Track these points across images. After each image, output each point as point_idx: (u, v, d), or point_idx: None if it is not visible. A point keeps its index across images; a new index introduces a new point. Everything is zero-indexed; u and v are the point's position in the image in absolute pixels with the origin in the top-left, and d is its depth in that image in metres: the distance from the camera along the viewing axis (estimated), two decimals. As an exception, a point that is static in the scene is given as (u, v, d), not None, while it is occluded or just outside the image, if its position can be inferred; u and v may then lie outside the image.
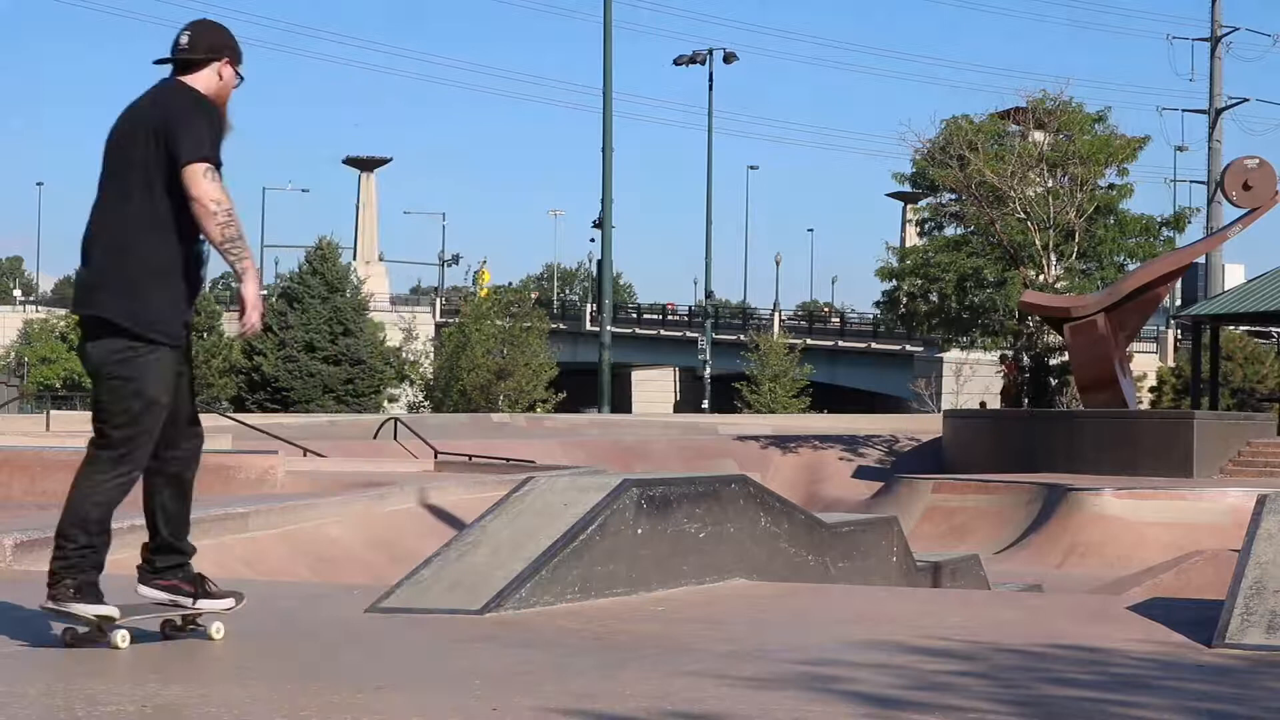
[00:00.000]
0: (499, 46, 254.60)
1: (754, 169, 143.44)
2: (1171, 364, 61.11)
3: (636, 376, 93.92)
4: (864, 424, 45.19)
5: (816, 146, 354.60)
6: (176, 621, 6.23)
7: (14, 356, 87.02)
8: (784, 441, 38.88)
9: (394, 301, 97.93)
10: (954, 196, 41.28)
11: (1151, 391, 55.32)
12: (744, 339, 72.07)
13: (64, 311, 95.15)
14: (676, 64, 68.03)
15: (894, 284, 43.71)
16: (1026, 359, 40.47)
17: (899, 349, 72.40)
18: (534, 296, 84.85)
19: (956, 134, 39.68)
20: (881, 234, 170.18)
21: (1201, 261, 53.92)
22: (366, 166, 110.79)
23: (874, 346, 75.82)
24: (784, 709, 5.05)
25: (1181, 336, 65.65)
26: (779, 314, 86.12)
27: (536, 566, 7.39)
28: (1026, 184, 38.89)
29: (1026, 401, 39.85)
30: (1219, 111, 59.53)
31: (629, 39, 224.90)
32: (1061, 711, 5.20)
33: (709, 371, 67.06)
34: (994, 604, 9.27)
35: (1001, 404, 44.06)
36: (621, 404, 78.62)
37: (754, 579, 9.05)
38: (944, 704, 5.17)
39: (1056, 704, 5.32)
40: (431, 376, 67.03)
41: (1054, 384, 39.73)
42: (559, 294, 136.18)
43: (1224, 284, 55.02)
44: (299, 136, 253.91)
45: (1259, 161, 32.14)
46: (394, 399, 65.62)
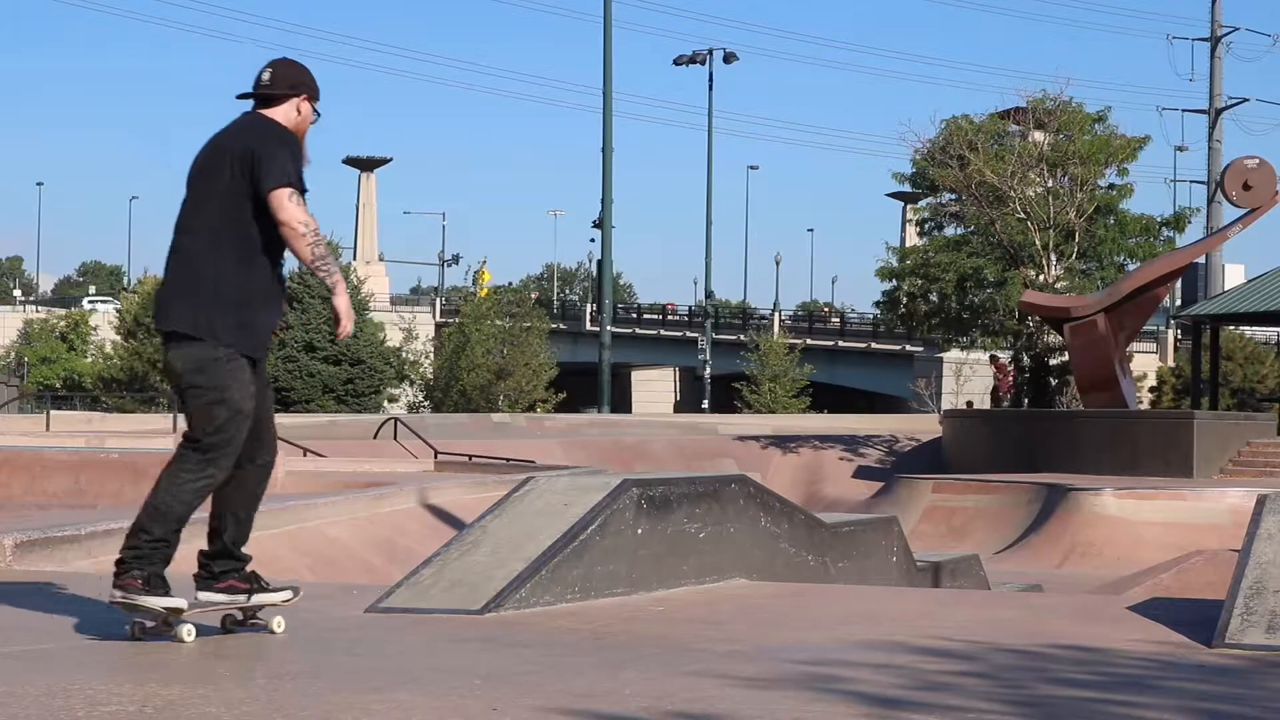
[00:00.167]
0: (499, 46, 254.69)
1: (754, 169, 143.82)
2: (1171, 364, 61.10)
3: (636, 376, 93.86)
4: (864, 424, 45.21)
5: (816, 146, 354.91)
6: (237, 616, 6.45)
7: (14, 356, 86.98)
8: (784, 441, 38.87)
9: (394, 301, 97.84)
10: (954, 196, 41.26)
11: (1151, 391, 55.32)
12: (744, 339, 72.05)
13: (64, 311, 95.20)
14: (676, 64, 68.06)
15: (894, 284, 43.68)
16: (1026, 359, 40.46)
17: (899, 349, 72.36)
18: (534, 296, 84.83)
19: (956, 134, 39.66)
20: (881, 234, 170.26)
21: (1201, 261, 53.92)
22: (366, 166, 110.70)
23: (874, 346, 75.76)
24: (784, 709, 5.05)
25: (1181, 336, 65.64)
26: (779, 314, 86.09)
27: (537, 566, 7.39)
28: (1026, 184, 38.88)
29: (1026, 401, 39.85)
30: (1219, 111, 59.52)
31: (629, 39, 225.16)
32: (1061, 711, 5.20)
33: (709, 371, 67.05)
34: (994, 604, 9.27)
35: (991, 405, 44.08)
36: (621, 404, 78.61)
37: (754, 579, 9.05)
38: (944, 704, 5.17)
39: (1056, 704, 5.32)
40: (431, 376, 67.00)
41: (1054, 384, 39.71)
42: (559, 294, 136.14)
43: (1224, 284, 55.01)
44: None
45: (1259, 161, 32.14)
46: (394, 399, 65.58)
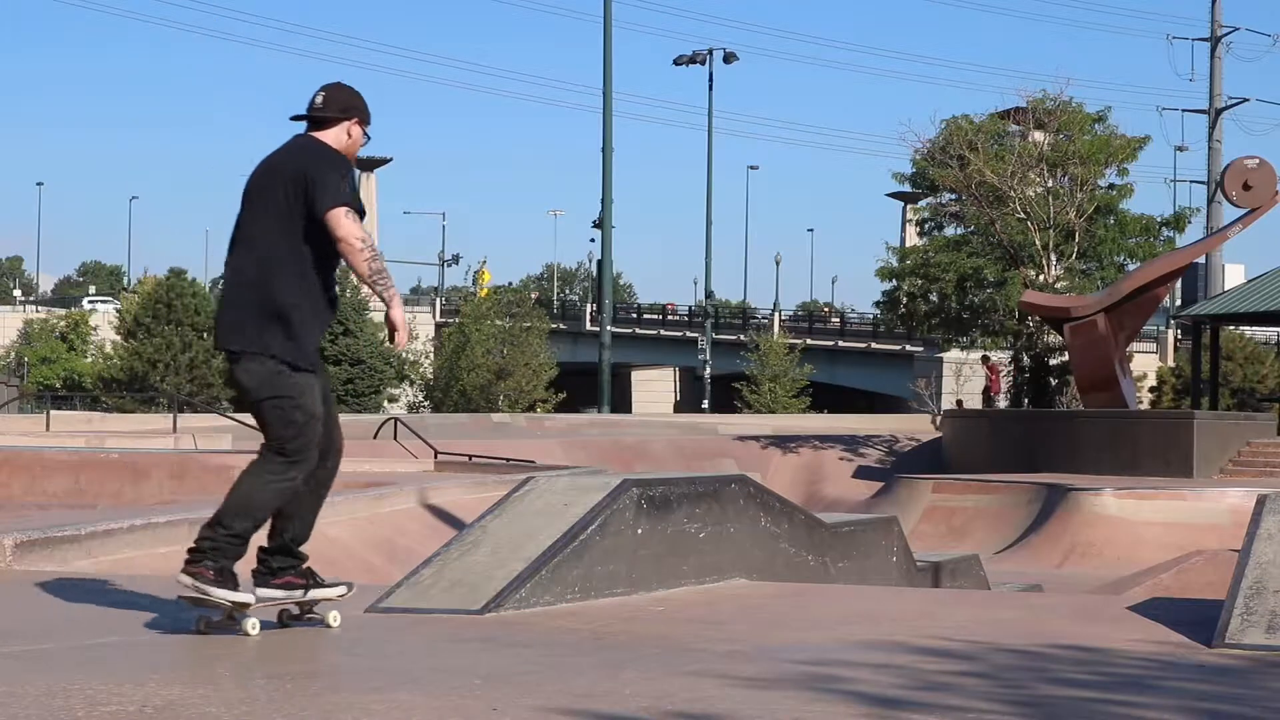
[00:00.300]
0: (499, 46, 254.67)
1: (754, 169, 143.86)
2: (1171, 364, 61.08)
3: (636, 376, 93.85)
4: (864, 424, 45.21)
5: (816, 146, 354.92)
6: (293, 610, 6.60)
7: (14, 356, 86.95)
8: (784, 441, 38.88)
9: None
10: (954, 196, 41.26)
11: (1151, 391, 55.31)
12: (744, 339, 72.04)
13: (64, 311, 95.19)
14: (676, 64, 68.07)
15: (894, 284, 43.68)
16: (1026, 359, 40.46)
17: (899, 349, 72.33)
18: (534, 296, 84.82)
19: (956, 134, 39.66)
20: (881, 234, 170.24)
21: (1201, 261, 53.92)
22: (366, 166, 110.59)
23: (874, 346, 75.73)
24: (784, 709, 5.04)
25: (1181, 336, 65.62)
26: (779, 314, 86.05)
27: (537, 566, 7.39)
28: (1026, 184, 38.88)
29: (1026, 401, 39.85)
30: (1219, 111, 59.53)
31: (629, 39, 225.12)
32: (1061, 711, 5.20)
33: (709, 371, 67.05)
34: (994, 604, 9.27)
35: (983, 405, 44.11)
36: (621, 404, 78.60)
37: (754, 579, 9.05)
38: (944, 704, 5.17)
39: (1056, 704, 5.32)
40: (431, 376, 67.01)
41: (1054, 384, 39.72)
42: (559, 294, 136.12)
43: (1224, 284, 55.01)
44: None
45: (1259, 161, 32.15)
46: (394, 399, 65.60)
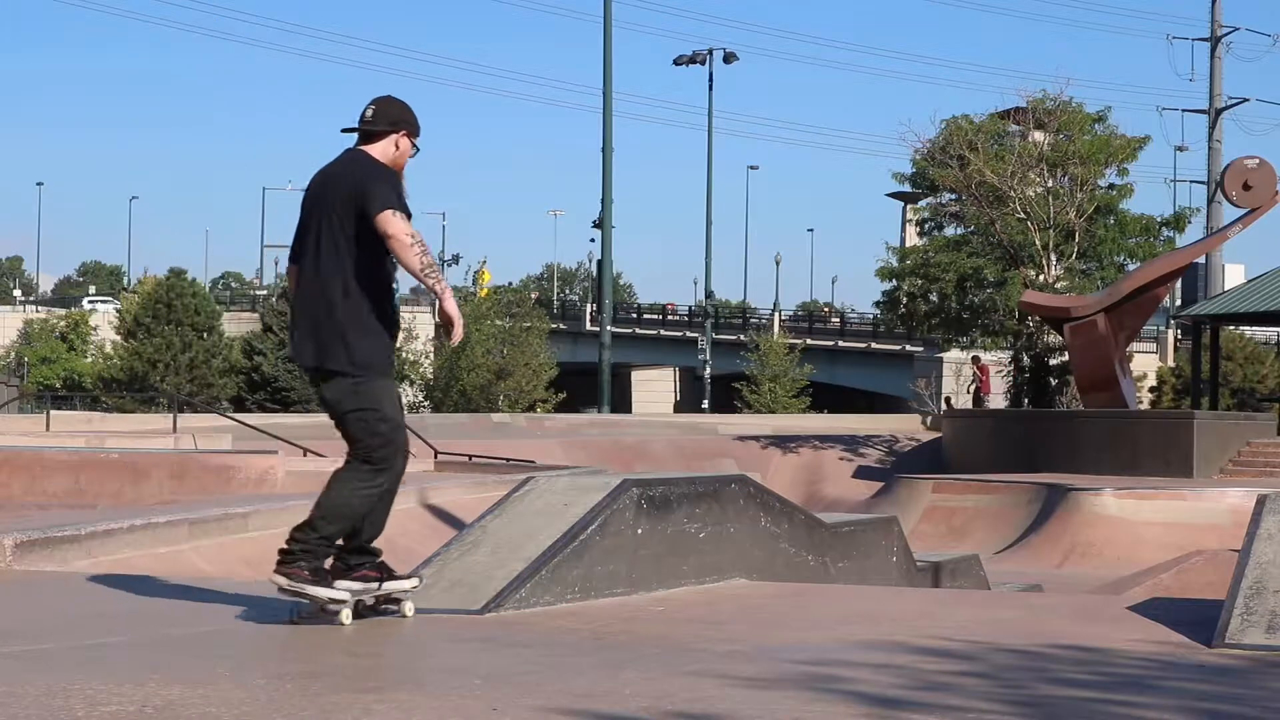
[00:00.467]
0: (499, 46, 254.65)
1: (754, 169, 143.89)
2: (1171, 364, 61.07)
3: (636, 376, 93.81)
4: (864, 424, 45.20)
5: (816, 146, 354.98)
6: (368, 602, 6.85)
7: (14, 356, 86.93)
8: (784, 441, 38.88)
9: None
10: (954, 196, 41.26)
11: (1151, 391, 55.29)
12: (744, 339, 71.98)
13: (64, 311, 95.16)
14: (676, 64, 68.02)
15: (894, 284, 43.66)
16: (1026, 359, 40.46)
17: (899, 349, 72.27)
18: (534, 296, 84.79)
19: (956, 134, 39.66)
20: (881, 234, 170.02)
21: (1201, 261, 53.92)
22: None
23: (874, 346, 75.67)
24: (784, 709, 5.04)
25: (1181, 336, 65.60)
26: (779, 314, 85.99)
27: (537, 566, 7.39)
28: (1026, 184, 38.87)
29: (1027, 401, 39.85)
30: (1219, 111, 59.54)
31: (629, 39, 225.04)
32: (1061, 711, 5.19)
33: (709, 371, 67.00)
34: (994, 604, 9.26)
35: (973, 405, 44.11)
36: (621, 404, 78.55)
37: (754, 579, 9.05)
38: (944, 704, 5.17)
39: (1056, 704, 5.31)
40: (431, 376, 66.98)
41: (1054, 384, 39.71)
42: (559, 294, 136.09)
43: (1224, 284, 55.01)
44: (299, 136, 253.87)
45: (1259, 161, 32.15)
46: (394, 399, 65.45)
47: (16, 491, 15.48)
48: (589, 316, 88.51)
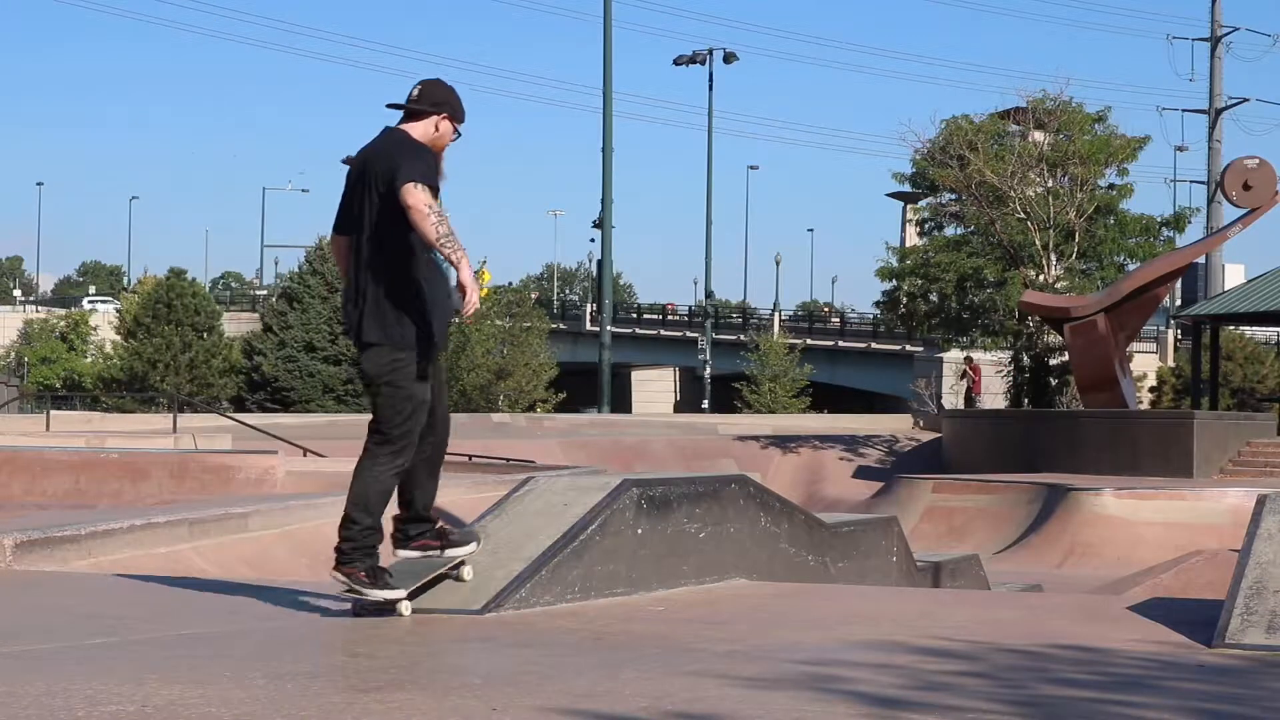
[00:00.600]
0: (499, 47, 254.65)
1: (754, 169, 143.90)
2: (1171, 364, 61.04)
3: (636, 376, 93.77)
4: (864, 424, 45.21)
5: (816, 146, 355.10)
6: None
7: (14, 356, 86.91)
8: (784, 441, 38.88)
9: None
10: (954, 196, 41.26)
11: (1151, 391, 55.27)
12: (744, 339, 71.97)
13: (64, 311, 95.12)
14: (676, 64, 68.03)
15: (894, 284, 43.66)
16: (1026, 359, 40.45)
17: (899, 349, 72.22)
18: (534, 296, 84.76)
19: (956, 134, 39.66)
20: (881, 234, 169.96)
21: (1201, 261, 53.93)
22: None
23: (874, 346, 75.63)
24: (784, 709, 5.04)
25: (1181, 336, 65.58)
26: (779, 314, 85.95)
27: (537, 566, 7.38)
28: (1026, 184, 38.88)
29: (1027, 401, 39.84)
30: (1219, 111, 59.54)
31: (629, 39, 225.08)
32: (1061, 711, 5.19)
33: (709, 371, 67.00)
34: (994, 604, 9.26)
35: (964, 405, 44.12)
36: (621, 404, 78.51)
37: (754, 579, 9.05)
38: (944, 704, 5.17)
39: (1056, 704, 5.31)
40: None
41: (1054, 384, 39.71)
42: (559, 294, 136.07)
43: (1224, 284, 55.02)
44: (299, 136, 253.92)
45: (1259, 161, 32.16)
46: (394, 399, 65.44)
47: (16, 491, 15.48)
48: (589, 316, 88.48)
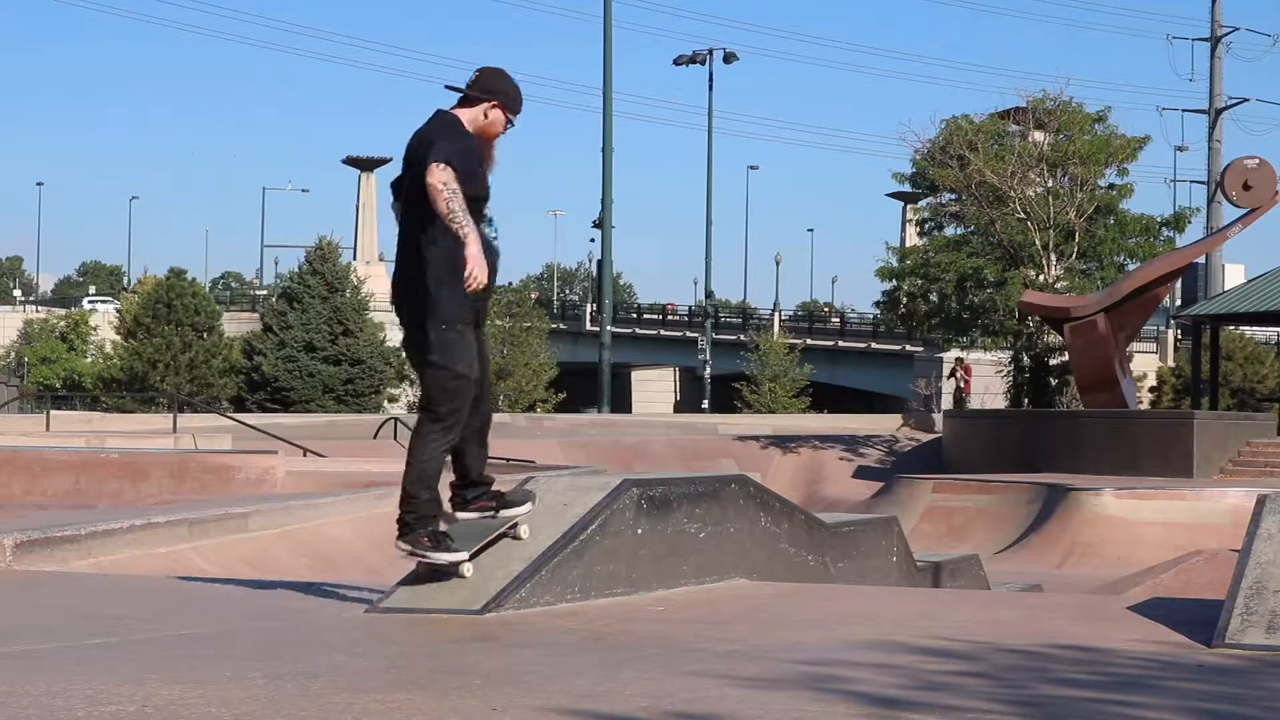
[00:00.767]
0: (499, 47, 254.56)
1: (754, 169, 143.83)
2: (1171, 364, 61.05)
3: (636, 376, 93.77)
4: (864, 424, 45.21)
5: (816, 146, 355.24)
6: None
7: (14, 356, 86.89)
8: (784, 441, 38.89)
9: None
10: (954, 196, 41.27)
11: (1151, 391, 55.28)
12: (744, 339, 71.98)
13: (64, 311, 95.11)
14: (676, 64, 68.06)
15: (894, 284, 43.67)
16: (1026, 359, 40.45)
17: (899, 349, 72.25)
18: (534, 296, 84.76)
19: (956, 134, 39.67)
20: (881, 234, 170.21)
21: (1201, 261, 53.92)
22: (366, 166, 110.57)
23: (874, 346, 75.64)
24: (784, 709, 5.04)
25: (1181, 336, 65.59)
26: (779, 314, 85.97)
27: (537, 566, 7.38)
28: (1026, 184, 38.90)
29: (1027, 401, 39.84)
30: (1219, 111, 59.53)
31: (629, 39, 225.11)
32: (1061, 711, 5.19)
33: (709, 371, 67.01)
34: (994, 604, 9.26)
35: (954, 405, 44.12)
36: (621, 404, 78.51)
37: (754, 579, 9.04)
38: (944, 704, 5.17)
39: (1056, 704, 5.31)
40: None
41: (1054, 384, 39.71)
42: (559, 294, 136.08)
43: (1224, 284, 55.01)
44: (299, 136, 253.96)
45: (1259, 161, 32.16)
46: (394, 399, 65.52)
47: (16, 491, 15.48)
48: (589, 316, 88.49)
